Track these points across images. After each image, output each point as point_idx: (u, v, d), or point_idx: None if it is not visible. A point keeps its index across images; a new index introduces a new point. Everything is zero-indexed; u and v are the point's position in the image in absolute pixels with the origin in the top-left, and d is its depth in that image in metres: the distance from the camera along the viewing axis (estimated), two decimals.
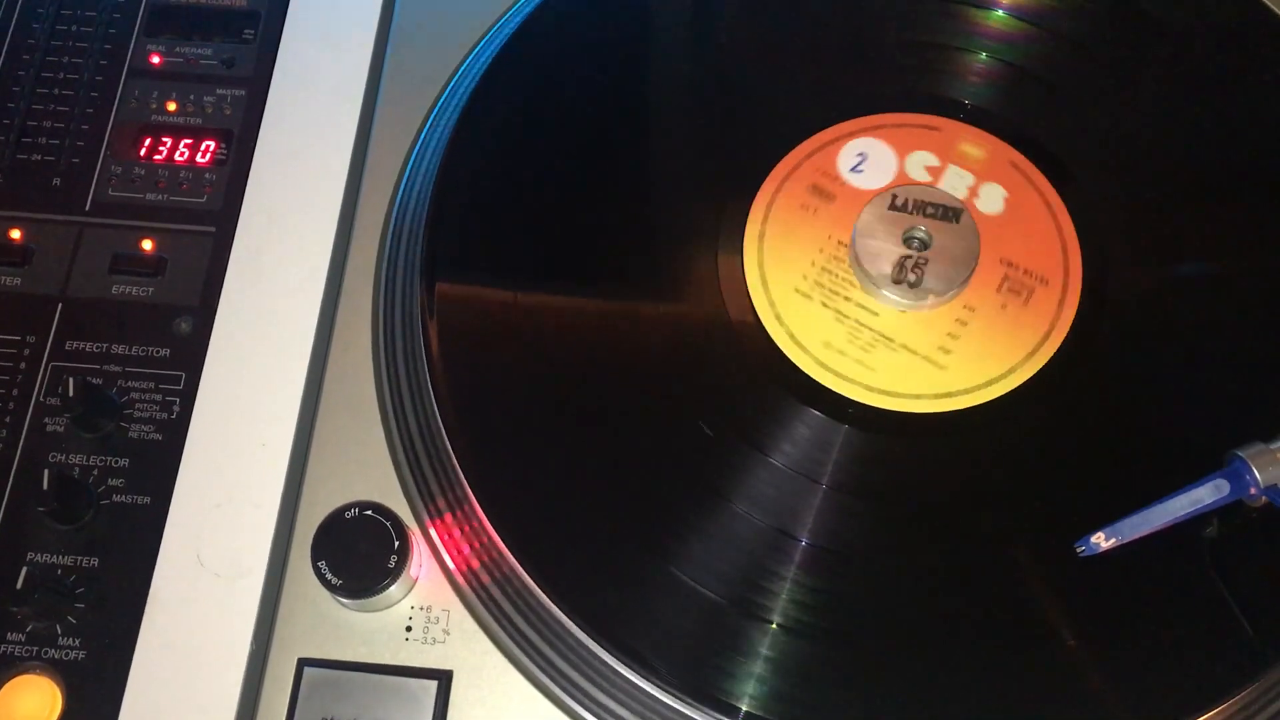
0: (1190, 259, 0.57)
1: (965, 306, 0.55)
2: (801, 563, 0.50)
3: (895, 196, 0.57)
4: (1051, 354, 0.54)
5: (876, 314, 0.55)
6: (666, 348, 0.55)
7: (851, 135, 0.59)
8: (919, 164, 0.58)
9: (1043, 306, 0.55)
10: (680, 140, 0.62)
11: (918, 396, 0.53)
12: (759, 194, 0.58)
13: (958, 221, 0.56)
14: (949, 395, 0.53)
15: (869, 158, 0.58)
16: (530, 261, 0.57)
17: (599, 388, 0.54)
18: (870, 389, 0.54)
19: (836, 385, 0.53)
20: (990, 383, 0.54)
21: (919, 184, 0.57)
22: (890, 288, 0.55)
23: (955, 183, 0.58)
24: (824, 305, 0.55)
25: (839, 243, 0.56)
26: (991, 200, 0.58)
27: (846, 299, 0.55)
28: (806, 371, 0.54)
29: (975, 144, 0.59)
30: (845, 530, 0.51)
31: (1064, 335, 0.55)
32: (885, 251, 0.56)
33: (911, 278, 0.55)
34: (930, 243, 0.56)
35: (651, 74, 0.63)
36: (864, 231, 0.56)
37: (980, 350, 0.54)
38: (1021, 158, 0.59)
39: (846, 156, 0.58)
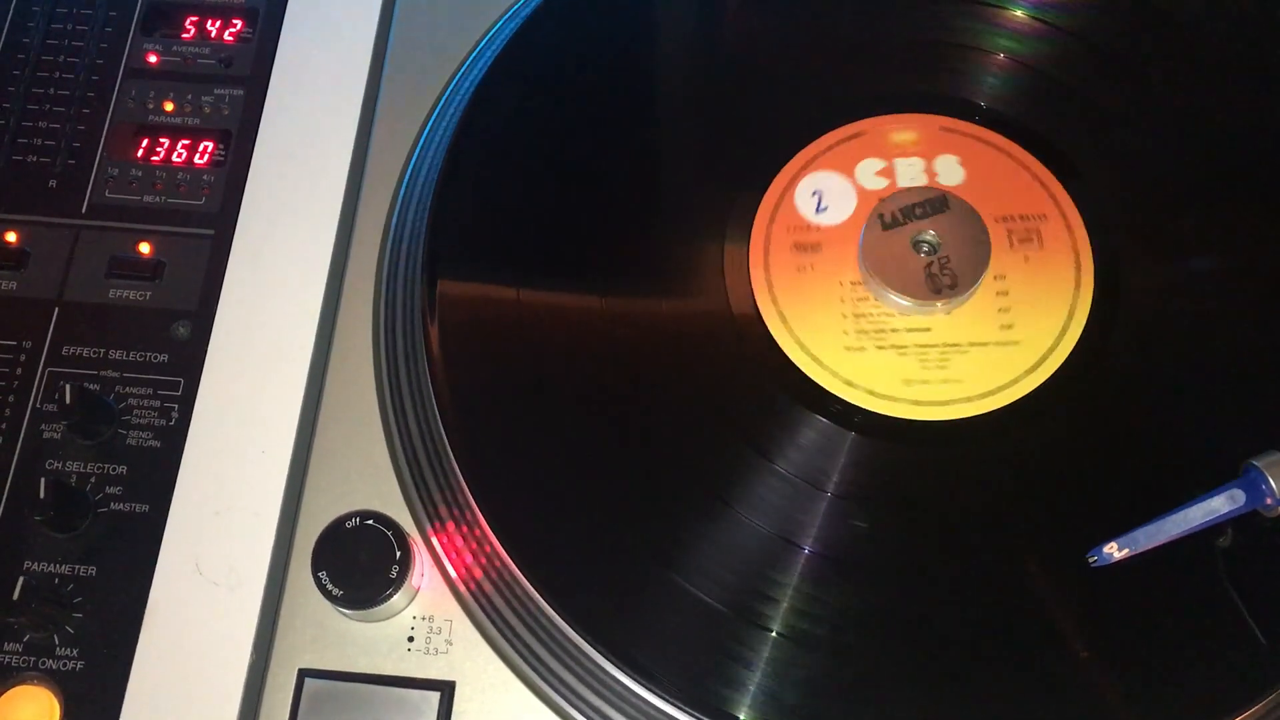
0: (1205, 264, 0.56)
1: (996, 277, 0.55)
2: (806, 572, 0.49)
3: (881, 216, 0.56)
4: (1083, 324, 0.54)
5: (929, 329, 0.54)
6: (672, 354, 0.54)
7: (796, 177, 0.58)
8: (869, 173, 0.57)
9: (1057, 240, 0.56)
10: (683, 139, 0.61)
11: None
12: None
13: (948, 208, 0.56)
14: (1028, 373, 0.53)
15: (824, 192, 0.57)
16: (535, 264, 0.57)
17: (603, 395, 0.53)
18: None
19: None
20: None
21: (889, 192, 0.56)
22: (931, 299, 0.54)
23: (912, 173, 0.57)
24: (879, 349, 0.54)
25: (852, 284, 0.56)
26: (950, 171, 0.57)
27: (894, 330, 0.54)
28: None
29: (901, 129, 0.58)
30: (851, 539, 0.50)
31: (1091, 276, 0.55)
32: (907, 270, 0.55)
33: (946, 280, 0.54)
34: (939, 242, 0.55)
35: (653, 73, 0.62)
36: (873, 266, 0.55)
37: (1034, 306, 0.54)
38: (954, 121, 0.59)
39: (804, 200, 0.57)
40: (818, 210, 0.56)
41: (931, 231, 0.56)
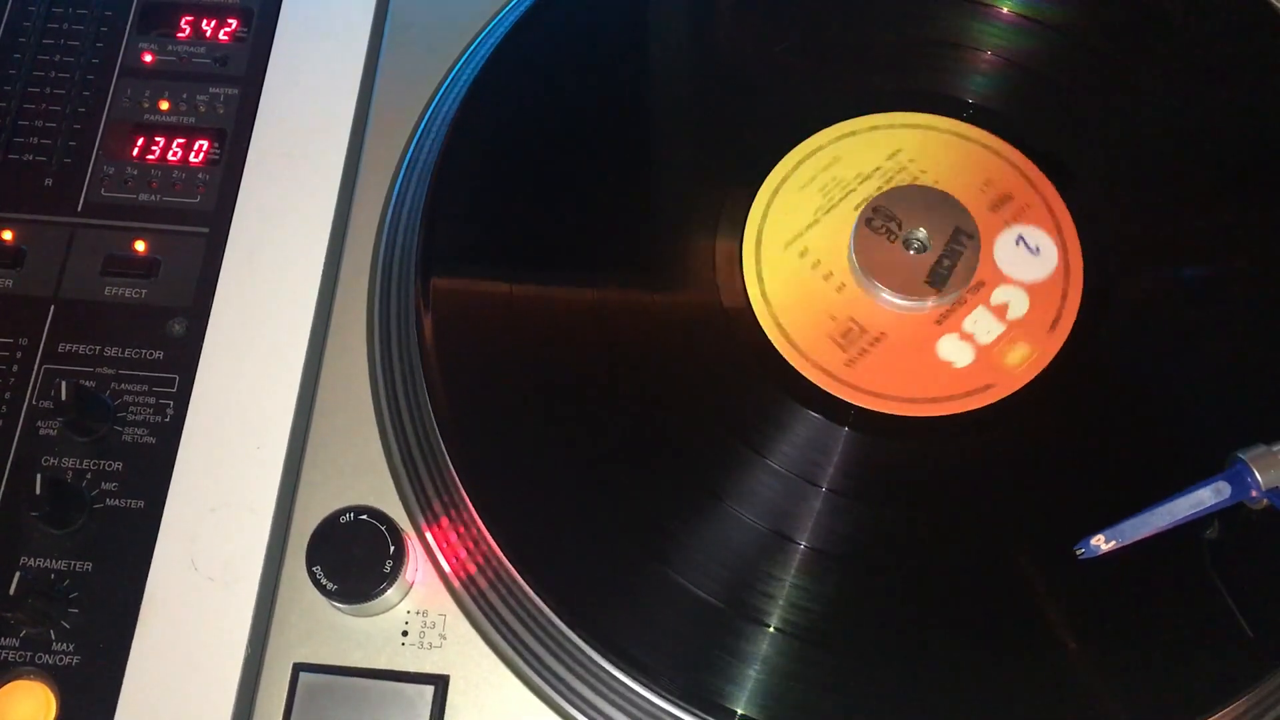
0: (1191, 260, 0.57)
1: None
2: (801, 567, 0.49)
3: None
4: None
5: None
6: (665, 349, 0.55)
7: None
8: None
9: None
10: (677, 134, 0.62)
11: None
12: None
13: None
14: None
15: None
16: (529, 261, 0.57)
17: (597, 390, 0.54)
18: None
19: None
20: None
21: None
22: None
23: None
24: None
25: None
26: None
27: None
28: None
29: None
30: (844, 534, 0.50)
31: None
32: (913, 274, 0.55)
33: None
34: (928, 238, 0.56)
35: (646, 68, 0.63)
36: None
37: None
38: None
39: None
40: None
41: (921, 230, 0.56)
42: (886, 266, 0.55)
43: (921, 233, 0.56)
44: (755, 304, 0.55)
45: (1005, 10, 0.62)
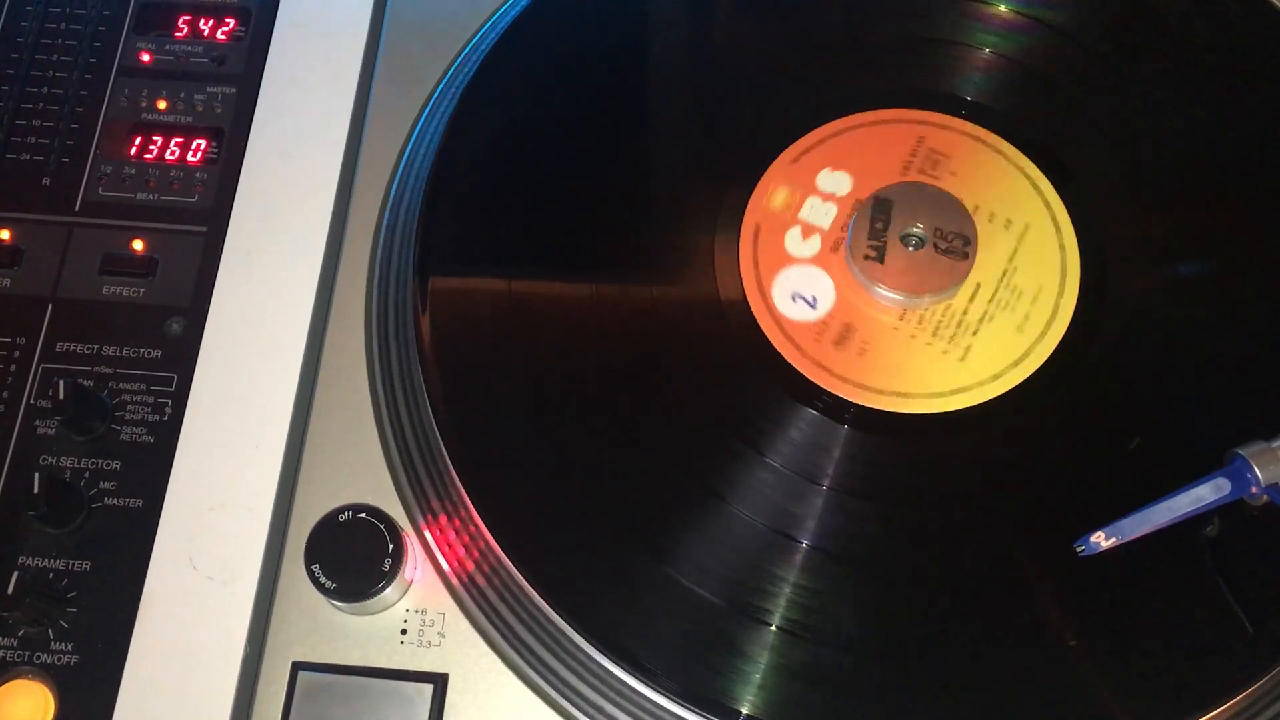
0: (1190, 256, 0.57)
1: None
2: (801, 565, 0.49)
3: (870, 214, 0.56)
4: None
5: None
6: (663, 347, 0.55)
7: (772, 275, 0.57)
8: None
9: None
10: (675, 133, 0.62)
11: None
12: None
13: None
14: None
15: (800, 291, 0.56)
16: (526, 260, 0.57)
17: (595, 389, 0.54)
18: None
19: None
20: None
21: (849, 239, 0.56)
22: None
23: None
24: (927, 344, 0.54)
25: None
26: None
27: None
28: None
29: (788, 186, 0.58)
30: (845, 532, 0.50)
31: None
32: (897, 264, 0.55)
33: (955, 246, 0.55)
34: (924, 234, 0.56)
35: (644, 67, 0.63)
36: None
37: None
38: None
39: (782, 297, 0.56)
40: (793, 299, 0.56)
41: (918, 226, 0.56)
42: (884, 263, 0.55)
43: (918, 229, 0.56)
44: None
45: (1003, 9, 0.62)
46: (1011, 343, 0.54)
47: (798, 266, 0.56)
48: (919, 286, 0.55)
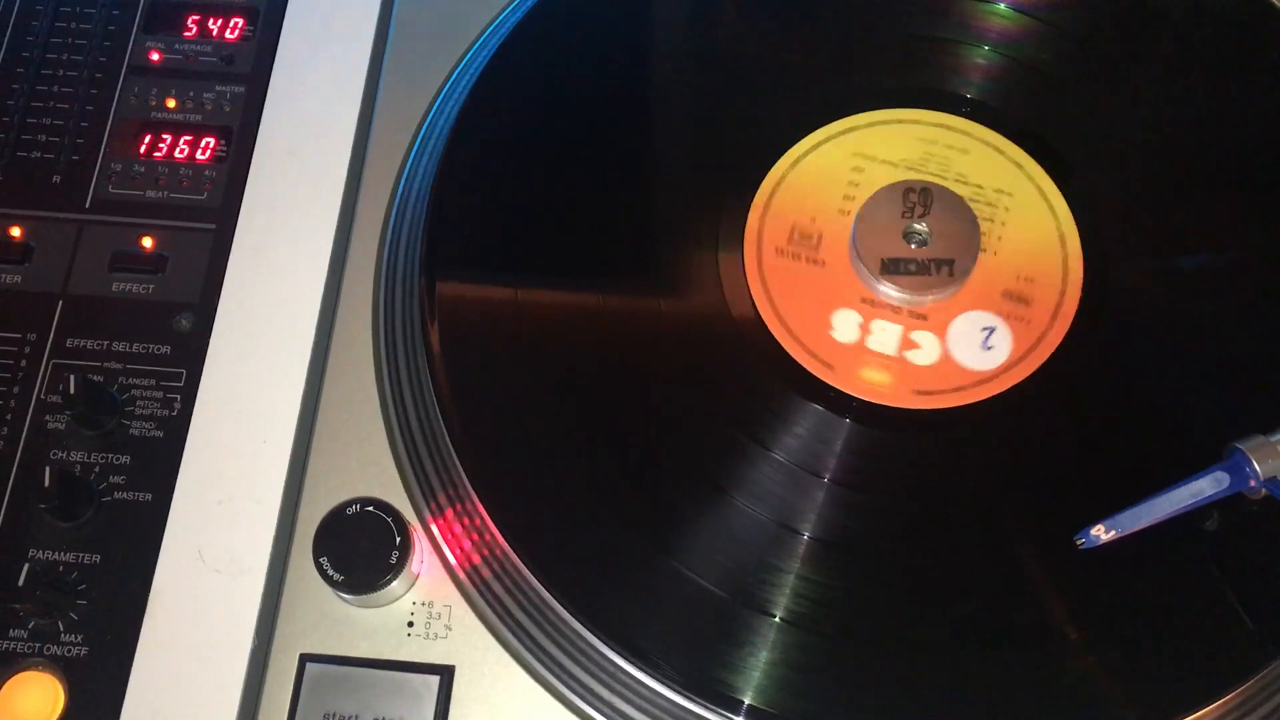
0: (1190, 251, 0.57)
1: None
2: (805, 557, 0.50)
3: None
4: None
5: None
6: (666, 341, 0.55)
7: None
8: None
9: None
10: (681, 136, 0.62)
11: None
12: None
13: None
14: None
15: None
16: (529, 256, 0.57)
17: (600, 383, 0.54)
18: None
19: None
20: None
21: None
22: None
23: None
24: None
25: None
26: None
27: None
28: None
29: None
30: (848, 525, 0.51)
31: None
32: (899, 261, 0.55)
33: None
34: (929, 232, 0.56)
35: (649, 68, 0.63)
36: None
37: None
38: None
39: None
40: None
41: (923, 225, 0.56)
42: (885, 259, 0.56)
43: (919, 227, 0.56)
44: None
45: (1002, 7, 0.62)
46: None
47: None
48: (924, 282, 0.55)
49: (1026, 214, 0.57)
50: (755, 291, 0.56)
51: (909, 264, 0.56)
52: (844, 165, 0.59)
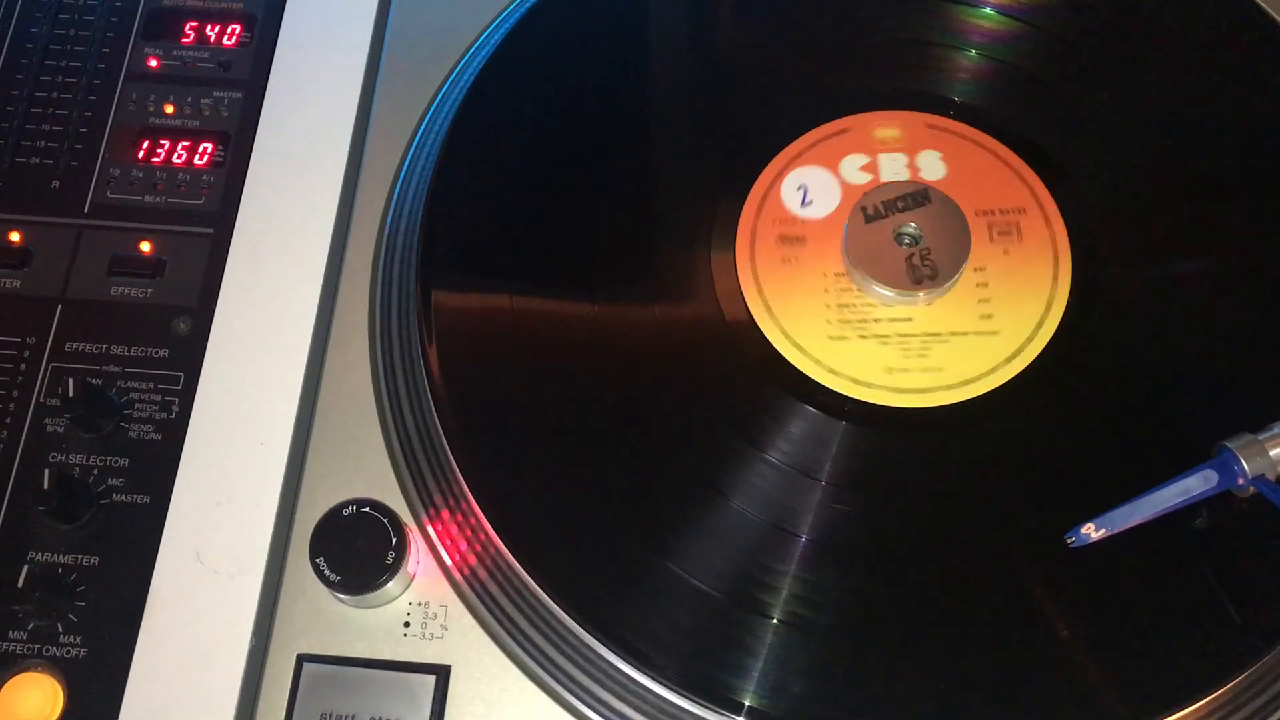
0: (1180, 254, 0.58)
1: (976, 269, 0.56)
2: (802, 559, 0.50)
3: (864, 209, 0.57)
4: (1059, 319, 0.55)
5: (910, 319, 0.55)
6: (660, 345, 0.56)
7: (782, 171, 0.59)
8: (854, 168, 0.58)
9: (1036, 233, 0.57)
10: (671, 136, 0.62)
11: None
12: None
13: (929, 201, 0.57)
14: (1008, 361, 0.54)
15: (809, 186, 0.58)
16: (525, 261, 0.58)
17: (595, 385, 0.54)
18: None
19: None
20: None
21: (872, 186, 0.58)
22: (912, 290, 0.55)
23: (895, 168, 0.58)
24: (862, 338, 0.55)
25: (836, 275, 0.57)
26: (932, 167, 0.58)
27: (876, 320, 0.55)
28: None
29: (886, 125, 0.60)
30: (844, 526, 0.51)
31: (1068, 268, 0.56)
32: (888, 261, 0.56)
33: (927, 270, 0.55)
34: (920, 234, 0.57)
35: (643, 76, 0.64)
36: (856, 258, 0.56)
37: (1013, 298, 0.56)
38: (938, 118, 0.60)
39: (790, 194, 0.58)
40: (803, 204, 0.58)
41: (913, 224, 0.57)
42: (876, 259, 0.56)
43: (912, 226, 0.57)
44: (749, 297, 0.56)
45: (997, 13, 0.63)
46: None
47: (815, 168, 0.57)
48: (911, 282, 0.56)
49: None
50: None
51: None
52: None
